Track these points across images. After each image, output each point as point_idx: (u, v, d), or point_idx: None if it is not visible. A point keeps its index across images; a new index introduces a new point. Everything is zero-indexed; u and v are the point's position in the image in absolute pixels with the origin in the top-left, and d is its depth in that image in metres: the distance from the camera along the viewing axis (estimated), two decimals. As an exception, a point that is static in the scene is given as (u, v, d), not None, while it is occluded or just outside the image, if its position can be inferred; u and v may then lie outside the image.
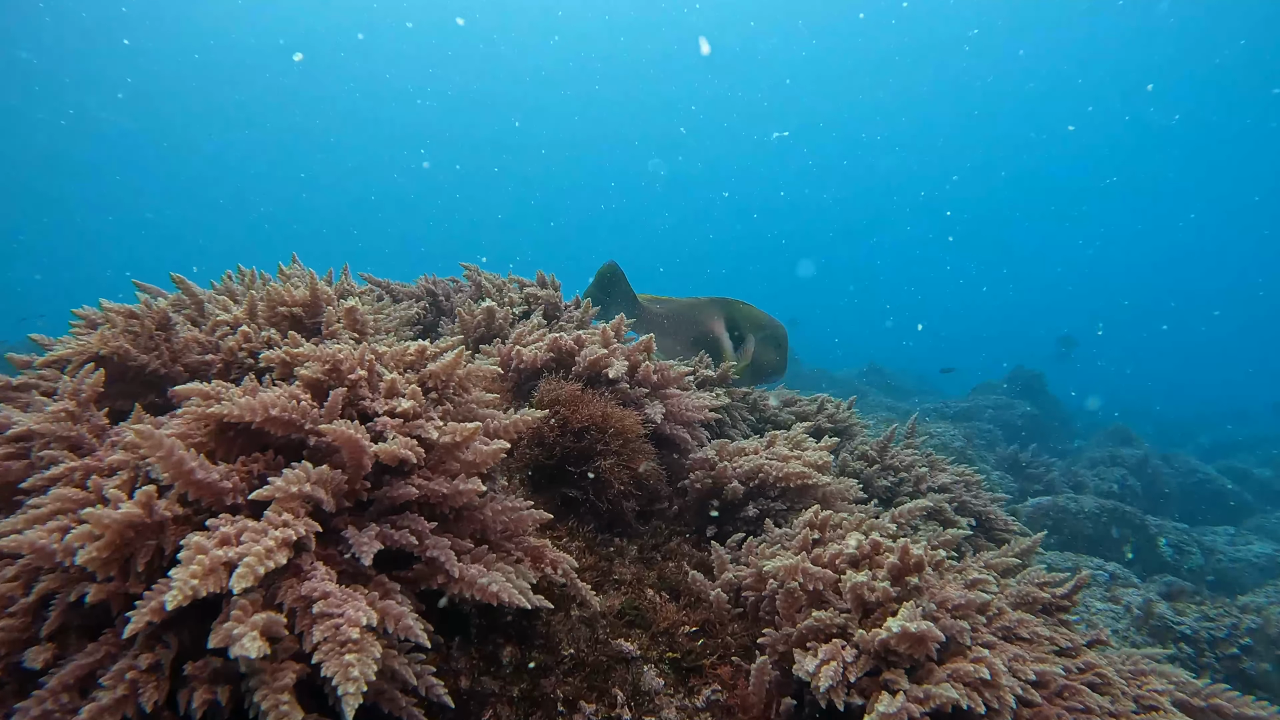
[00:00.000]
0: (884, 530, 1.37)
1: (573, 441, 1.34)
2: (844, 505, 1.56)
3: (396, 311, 1.77)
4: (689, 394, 1.68)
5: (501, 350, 1.59)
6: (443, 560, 0.96)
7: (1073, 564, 4.56)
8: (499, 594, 0.98)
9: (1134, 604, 3.59)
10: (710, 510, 1.55)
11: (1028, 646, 1.26)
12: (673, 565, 1.39)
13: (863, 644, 1.06)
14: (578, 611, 1.16)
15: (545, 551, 1.13)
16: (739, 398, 2.27)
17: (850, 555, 1.19)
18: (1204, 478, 7.31)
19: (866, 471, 2.11)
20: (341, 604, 0.86)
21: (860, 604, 1.12)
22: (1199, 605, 3.55)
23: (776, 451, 1.59)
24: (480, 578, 0.98)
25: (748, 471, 1.50)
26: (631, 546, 1.37)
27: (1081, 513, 5.45)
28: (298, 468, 0.92)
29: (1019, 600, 1.41)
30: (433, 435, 1.00)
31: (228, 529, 0.84)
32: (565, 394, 1.36)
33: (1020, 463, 6.42)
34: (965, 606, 1.17)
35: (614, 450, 1.33)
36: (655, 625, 1.21)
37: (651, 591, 1.28)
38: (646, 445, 1.42)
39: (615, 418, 1.34)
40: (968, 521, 2.14)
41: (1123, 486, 6.35)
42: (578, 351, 1.55)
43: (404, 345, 1.15)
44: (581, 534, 1.31)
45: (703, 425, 1.80)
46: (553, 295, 2.06)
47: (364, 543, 0.91)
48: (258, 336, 1.26)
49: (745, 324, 2.36)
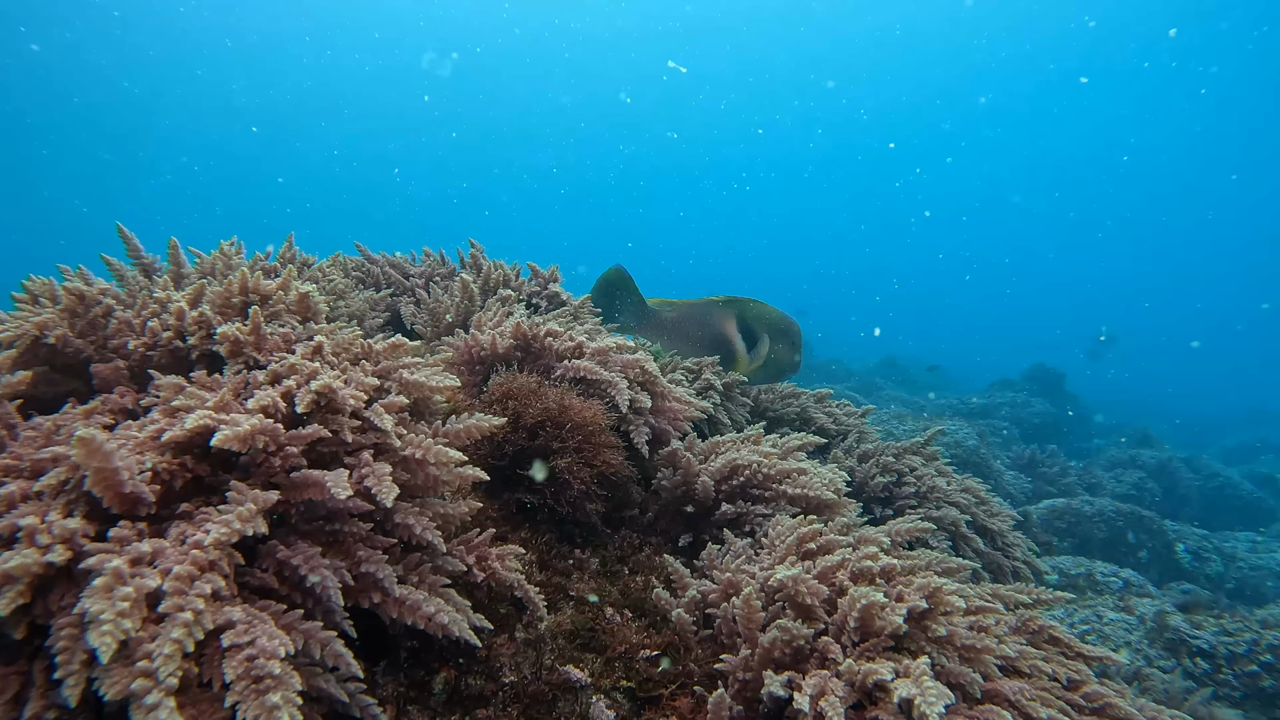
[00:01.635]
0: (879, 543, 1.24)
1: (525, 439, 1.22)
2: (832, 511, 1.43)
3: (357, 298, 1.66)
4: (674, 389, 1.57)
5: (463, 341, 1.48)
6: (380, 577, 0.86)
7: (1085, 569, 4.41)
8: (447, 626, 0.88)
9: (1148, 614, 3.45)
10: (686, 515, 1.44)
11: (1029, 681, 1.15)
12: (640, 580, 1.28)
13: (849, 676, 0.94)
14: (523, 634, 1.06)
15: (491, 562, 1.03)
16: (750, 396, 2.16)
17: (862, 569, 1.08)
18: (1226, 482, 7.10)
19: (877, 479, 2.00)
20: (253, 632, 0.76)
21: (863, 629, 1.00)
22: (1216, 618, 3.39)
23: (758, 448, 1.47)
24: (424, 604, 0.89)
25: (721, 468, 1.38)
26: (593, 559, 1.27)
27: (1097, 516, 5.28)
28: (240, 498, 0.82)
29: (1019, 627, 1.29)
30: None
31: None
32: (518, 386, 1.25)
33: (1035, 463, 6.25)
34: (973, 650, 1.05)
35: (572, 447, 1.21)
36: (611, 649, 1.10)
37: (612, 610, 1.17)
38: (612, 438, 1.30)
39: (574, 410, 1.23)
40: (981, 539, 2.03)
41: (1141, 489, 6.17)
42: (547, 339, 1.44)
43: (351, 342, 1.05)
44: (535, 545, 1.20)
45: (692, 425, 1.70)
46: (552, 287, 1.95)
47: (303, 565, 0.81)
48: (199, 322, 1.16)
49: (758, 323, 2.26)
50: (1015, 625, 1.25)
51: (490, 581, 1.04)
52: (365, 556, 0.85)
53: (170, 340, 0.94)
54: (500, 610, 1.07)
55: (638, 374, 1.49)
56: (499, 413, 1.22)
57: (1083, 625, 3.44)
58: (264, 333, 0.95)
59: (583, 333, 1.50)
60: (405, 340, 1.07)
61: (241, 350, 0.94)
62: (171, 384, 0.93)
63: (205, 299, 1.02)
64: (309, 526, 0.87)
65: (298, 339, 1.03)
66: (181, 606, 0.74)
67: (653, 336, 2.16)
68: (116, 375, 0.96)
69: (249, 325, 0.94)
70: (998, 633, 1.18)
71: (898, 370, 13.42)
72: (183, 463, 0.87)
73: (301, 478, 0.85)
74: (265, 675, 0.74)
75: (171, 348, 1.01)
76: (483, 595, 1.05)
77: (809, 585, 1.02)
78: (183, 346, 0.99)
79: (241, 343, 0.94)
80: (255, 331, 0.94)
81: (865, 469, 2.03)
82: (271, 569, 0.82)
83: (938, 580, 1.04)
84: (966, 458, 5.94)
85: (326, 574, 0.80)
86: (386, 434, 0.93)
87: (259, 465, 0.85)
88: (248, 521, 0.80)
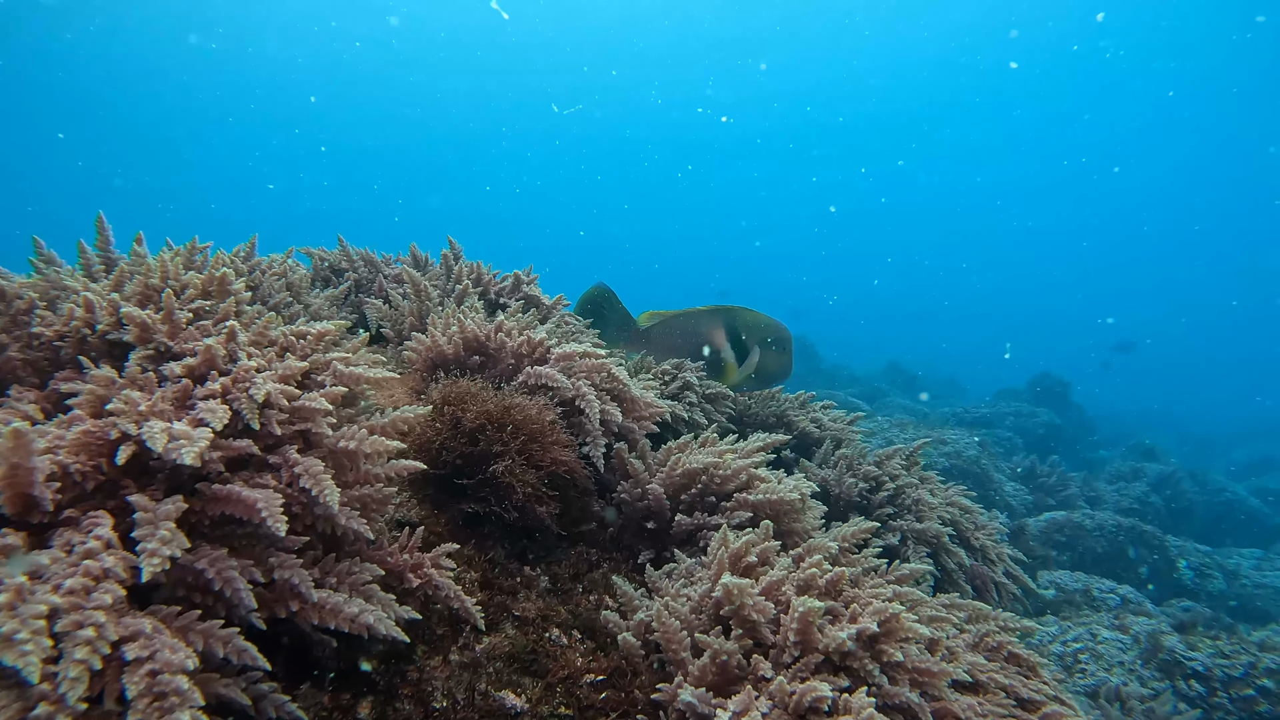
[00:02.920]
0: (825, 550, 1.19)
1: (465, 445, 1.17)
2: (794, 518, 1.38)
3: (318, 296, 1.62)
4: (644, 395, 1.52)
5: (420, 344, 1.44)
6: (296, 582, 0.82)
7: (1083, 585, 4.34)
8: (373, 625, 0.84)
9: (1143, 634, 3.38)
10: (647, 530, 1.40)
11: (985, 697, 1.09)
12: (594, 599, 1.24)
13: (781, 697, 0.89)
14: (459, 655, 1.01)
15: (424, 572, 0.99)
16: (733, 401, 2.12)
17: (806, 579, 1.03)
18: (1232, 497, 6.99)
19: (855, 487, 1.95)
20: (152, 644, 0.72)
21: (803, 644, 0.95)
22: (1213, 640, 3.32)
23: (713, 449, 1.42)
24: (346, 605, 0.84)
25: (673, 477, 1.33)
26: (543, 577, 1.22)
27: (1097, 530, 5.21)
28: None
29: (976, 642, 1.23)
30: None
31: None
32: (457, 390, 1.20)
33: (1035, 474, 6.17)
34: (927, 673, 1.00)
35: (515, 449, 1.16)
36: (553, 673, 1.06)
37: (558, 631, 1.13)
38: (562, 435, 1.25)
39: (517, 409, 1.18)
40: (965, 553, 1.97)
41: (1143, 503, 6.07)
42: (500, 337, 1.39)
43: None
44: (479, 563, 1.16)
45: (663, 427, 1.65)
46: (526, 288, 1.90)
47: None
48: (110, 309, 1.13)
49: (747, 331, 2.22)
50: (972, 642, 1.20)
51: (426, 590, 0.99)
52: (279, 562, 0.80)
53: (78, 330, 0.90)
54: (437, 631, 1.03)
55: (603, 379, 1.44)
56: (435, 418, 1.18)
57: (1076, 644, 3.38)
58: (178, 319, 0.91)
59: (544, 332, 1.45)
60: (331, 328, 1.02)
61: (151, 337, 0.90)
62: (102, 377, 0.89)
63: (124, 290, 0.98)
64: (219, 532, 0.83)
65: (215, 328, 0.99)
66: (81, 623, 0.71)
67: (639, 350, 2.12)
68: (20, 368, 0.92)
69: (161, 313, 0.90)
70: (954, 646, 1.13)
71: (903, 376, 13.32)
72: (97, 465, 0.83)
73: (225, 493, 0.81)
74: (170, 691, 0.70)
75: (81, 337, 0.97)
76: (417, 606, 1.01)
77: (755, 602, 0.97)
78: (92, 336, 0.95)
79: (150, 328, 0.90)
80: (168, 318, 0.90)
81: (843, 477, 1.97)
82: (172, 574, 0.78)
83: (896, 607, 0.99)
84: (966, 468, 5.86)
85: (234, 575, 0.76)
86: (316, 424, 0.89)
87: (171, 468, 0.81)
88: (168, 544, 0.75)
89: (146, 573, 0.69)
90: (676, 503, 1.36)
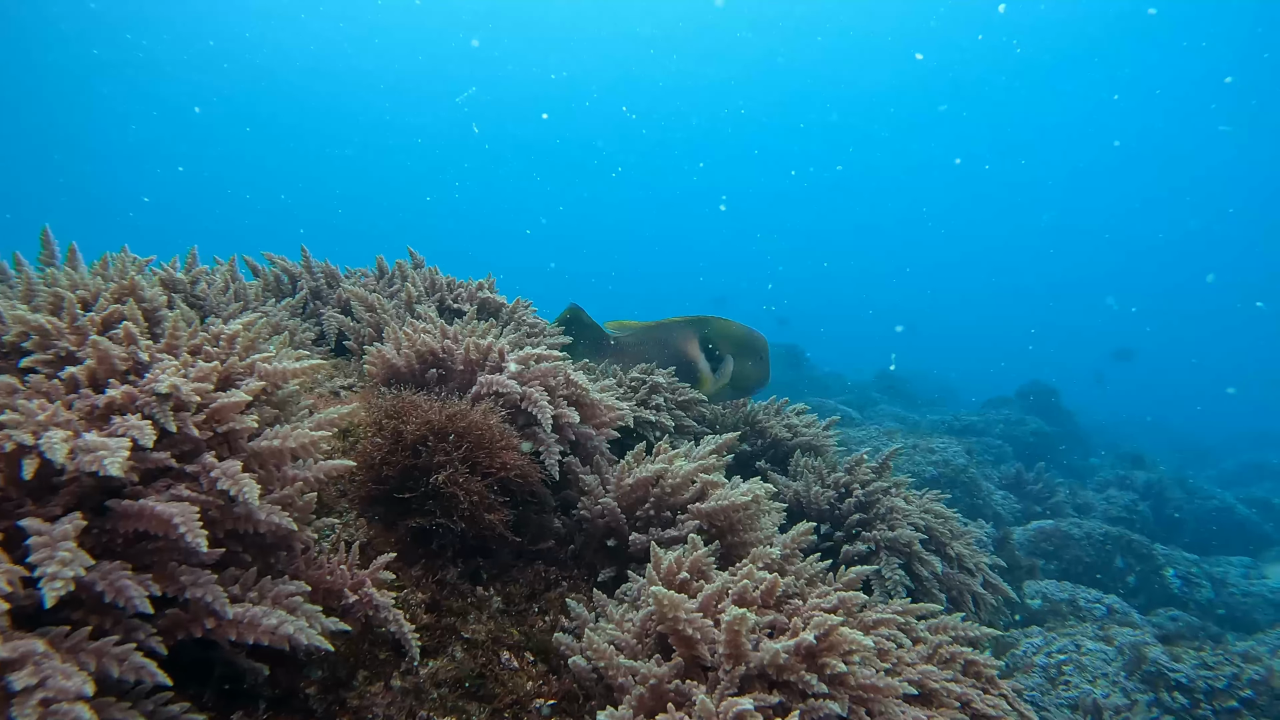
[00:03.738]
0: (767, 559, 1.16)
1: (408, 458, 1.15)
2: (751, 525, 1.35)
3: (275, 307, 1.59)
4: (604, 398, 1.49)
5: (375, 355, 1.41)
6: (209, 600, 0.78)
7: (1069, 595, 4.32)
8: (293, 636, 0.81)
9: (1127, 645, 3.36)
10: (608, 548, 1.37)
11: (937, 710, 1.07)
12: (549, 619, 1.21)
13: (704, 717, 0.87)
14: (400, 681, 0.99)
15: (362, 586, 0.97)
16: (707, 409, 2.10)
17: (740, 591, 1.00)
18: (1221, 505, 6.99)
19: (823, 495, 1.92)
20: (45, 670, 0.69)
21: (734, 657, 0.93)
22: (1197, 650, 3.30)
23: (665, 456, 1.39)
24: (264, 618, 0.81)
25: (628, 489, 1.31)
26: (496, 597, 1.20)
27: (1084, 539, 5.19)
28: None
29: (931, 653, 1.21)
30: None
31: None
32: (398, 403, 1.18)
33: (1021, 481, 6.16)
34: (873, 690, 0.97)
35: (458, 457, 1.13)
36: (500, 698, 1.03)
37: (509, 654, 1.11)
38: (511, 438, 1.22)
39: (459, 417, 1.15)
40: (939, 561, 1.94)
41: (1132, 512, 6.06)
42: (447, 343, 1.36)
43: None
44: (428, 584, 1.13)
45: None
46: (483, 293, 1.87)
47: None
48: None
49: (721, 341, 2.22)
50: (927, 653, 1.18)
51: (367, 611, 0.97)
52: (192, 579, 0.77)
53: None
54: (380, 655, 1.00)
55: (560, 383, 1.40)
56: (375, 433, 1.16)
57: (1060, 655, 3.36)
58: (81, 325, 0.89)
59: (506, 340, 1.42)
60: (238, 327, 0.99)
61: (52, 343, 0.88)
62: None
63: (34, 301, 0.96)
64: (133, 550, 0.80)
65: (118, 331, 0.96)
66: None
67: (612, 364, 2.11)
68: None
69: (65, 318, 0.88)
70: (904, 656, 1.11)
71: (894, 384, 13.31)
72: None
73: (137, 509, 0.78)
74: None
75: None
76: (358, 628, 0.98)
77: (689, 618, 0.94)
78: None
79: (50, 334, 0.87)
80: (71, 324, 0.88)
81: (811, 486, 1.95)
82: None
83: (834, 619, 0.96)
84: (954, 477, 5.85)
85: (129, 585, 0.72)
86: (235, 422, 0.86)
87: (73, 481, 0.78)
88: (69, 564, 0.73)
89: (50, 597, 0.66)
90: (633, 518, 1.33)
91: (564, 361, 1.39)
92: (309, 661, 0.95)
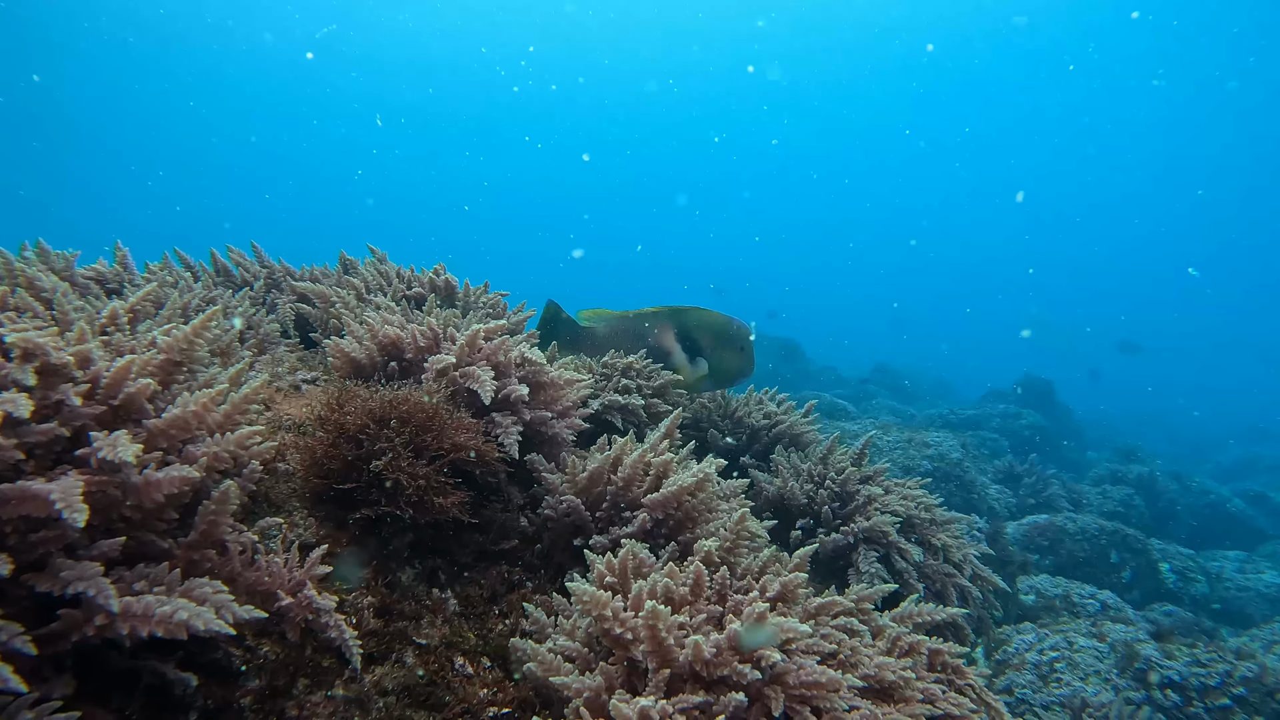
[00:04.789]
0: (703, 553, 1.10)
1: (352, 449, 1.10)
2: (709, 513, 1.29)
3: (232, 298, 1.54)
4: (563, 374, 1.43)
5: (332, 349, 1.36)
6: (92, 594, 0.71)
7: (1063, 591, 4.29)
8: (188, 622, 0.74)
9: (1120, 642, 3.32)
10: (574, 548, 1.32)
11: (898, 707, 1.02)
12: (510, 623, 1.17)
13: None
14: (344, 690, 0.94)
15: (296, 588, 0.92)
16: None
17: (664, 589, 0.95)
18: (1216, 499, 6.96)
19: (799, 487, 1.87)
20: None
21: (658, 658, 0.88)
22: (1190, 648, 3.27)
23: (619, 445, 1.33)
24: (158, 607, 0.74)
25: (586, 480, 1.25)
26: (452, 600, 1.15)
27: (1079, 534, 5.16)
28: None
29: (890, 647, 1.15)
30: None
31: None
32: (339, 395, 1.13)
33: (1015, 474, 6.12)
34: (814, 685, 0.92)
35: (401, 443, 1.08)
36: (451, 707, 0.98)
37: (463, 660, 1.06)
38: (463, 419, 1.16)
39: (401, 401, 1.10)
40: (919, 550, 1.87)
41: (1127, 506, 6.03)
42: (390, 334, 1.30)
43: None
44: (377, 587, 1.08)
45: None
46: (440, 279, 1.81)
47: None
48: None
49: (700, 331, 2.16)
50: (886, 646, 1.12)
51: (305, 615, 0.92)
52: (76, 574, 0.71)
53: None
54: (323, 663, 0.95)
55: (511, 361, 1.34)
56: (318, 426, 1.11)
57: (1052, 652, 3.32)
58: None
59: (473, 326, 1.37)
60: (151, 292, 0.94)
61: None
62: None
63: None
64: (23, 542, 0.74)
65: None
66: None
67: (581, 353, 2.06)
68: None
69: None
70: (858, 648, 1.05)
71: (891, 377, 13.27)
72: None
73: (18, 492, 0.72)
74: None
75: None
76: (297, 635, 0.93)
77: (620, 617, 0.89)
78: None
79: None
80: None
81: (788, 481, 1.90)
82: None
83: (760, 605, 0.90)
84: (949, 470, 5.80)
85: None
86: (130, 389, 0.80)
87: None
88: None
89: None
90: (596, 516, 1.28)
91: (512, 338, 1.34)
92: (246, 671, 0.90)
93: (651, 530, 1.22)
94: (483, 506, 1.29)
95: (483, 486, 1.32)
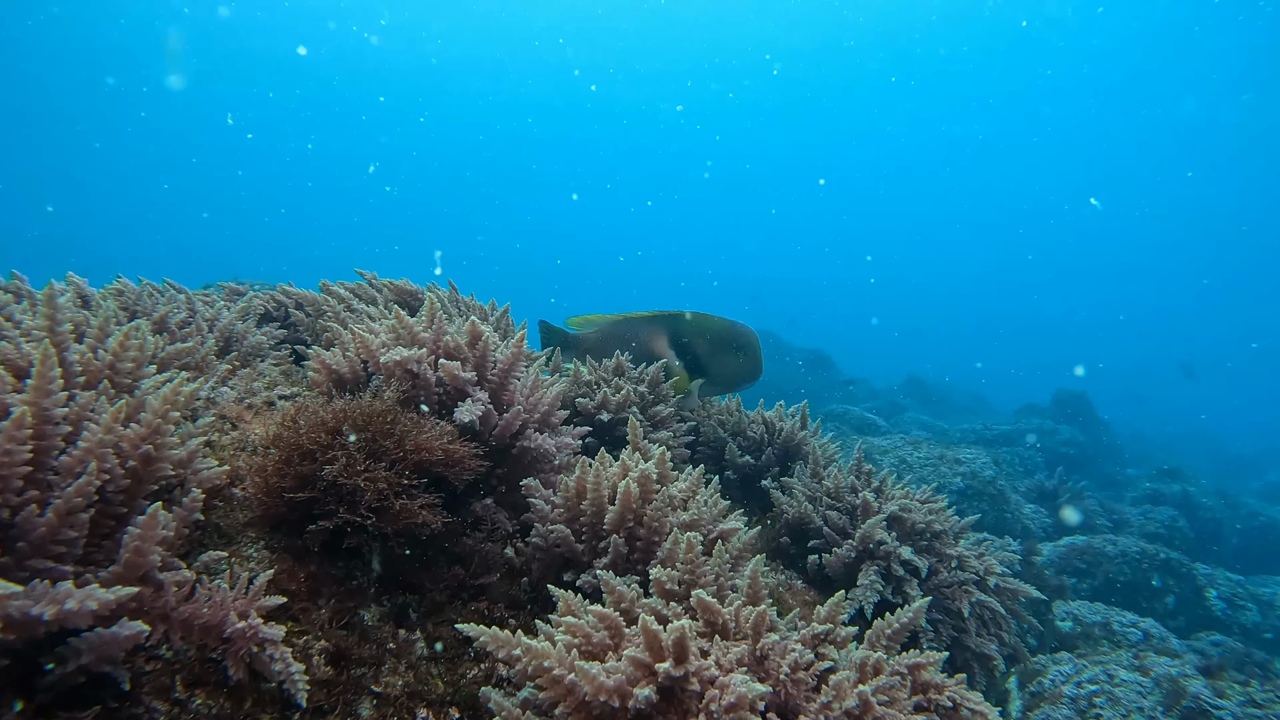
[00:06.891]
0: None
1: (306, 466, 1.01)
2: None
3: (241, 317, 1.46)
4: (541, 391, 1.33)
5: (314, 362, 1.28)
6: None
7: (1102, 618, 4.07)
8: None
9: (1165, 677, 3.11)
10: (563, 581, 1.22)
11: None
12: (485, 667, 1.06)
13: None
14: (288, 748, 0.84)
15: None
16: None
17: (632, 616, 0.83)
18: (1267, 522, 6.62)
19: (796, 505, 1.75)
20: None
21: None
22: (1243, 685, 3.05)
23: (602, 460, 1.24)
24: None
25: (571, 495, 1.15)
26: (420, 641, 1.05)
27: (1119, 556, 4.91)
28: None
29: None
30: None
31: None
32: (291, 413, 1.04)
33: (1047, 494, 5.88)
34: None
35: (356, 448, 0.99)
36: (408, 766, 0.88)
37: (426, 711, 0.95)
38: (426, 422, 1.08)
39: (354, 408, 1.01)
40: (926, 564, 1.72)
41: (1170, 528, 5.75)
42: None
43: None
44: (332, 630, 0.98)
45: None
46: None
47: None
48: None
49: (696, 337, 2.09)
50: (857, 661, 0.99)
51: (249, 649, 0.82)
52: None
53: None
54: (262, 717, 0.86)
55: (479, 354, 1.26)
56: (270, 444, 1.02)
57: (1091, 686, 3.12)
58: None
59: (452, 330, 1.28)
60: None
61: None
62: None
63: None
64: None
65: None
66: None
67: (570, 360, 2.00)
68: None
69: None
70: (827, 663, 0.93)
71: (923, 390, 12.98)
72: None
73: None
74: None
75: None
76: (239, 672, 0.83)
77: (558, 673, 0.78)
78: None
79: None
80: None
81: (801, 501, 1.78)
82: None
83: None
84: (982, 489, 5.59)
85: None
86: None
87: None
88: None
89: None
90: (591, 547, 1.18)
91: (474, 326, 1.26)
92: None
93: (629, 555, 1.12)
94: (464, 536, 1.20)
95: (469, 515, 1.22)
